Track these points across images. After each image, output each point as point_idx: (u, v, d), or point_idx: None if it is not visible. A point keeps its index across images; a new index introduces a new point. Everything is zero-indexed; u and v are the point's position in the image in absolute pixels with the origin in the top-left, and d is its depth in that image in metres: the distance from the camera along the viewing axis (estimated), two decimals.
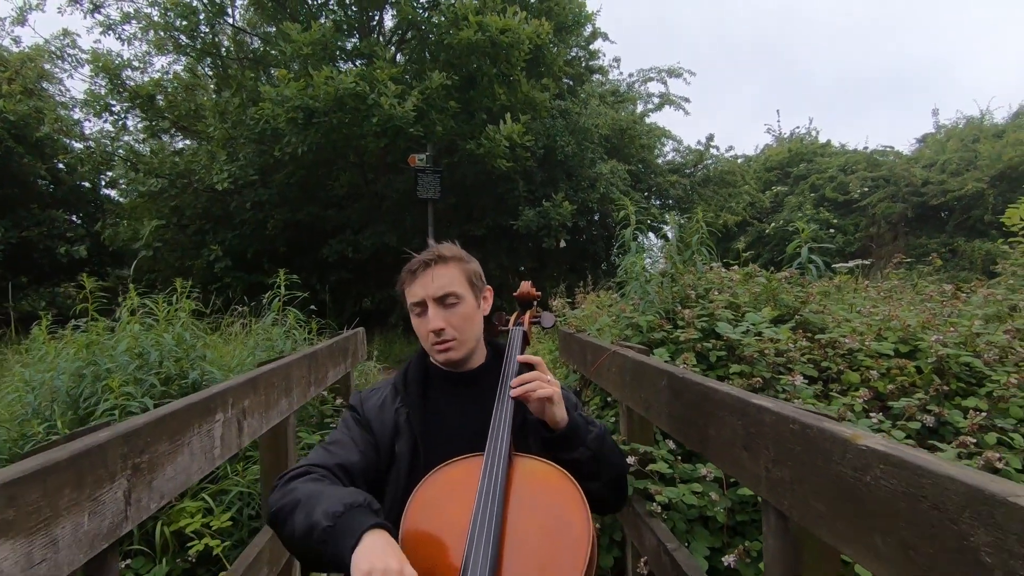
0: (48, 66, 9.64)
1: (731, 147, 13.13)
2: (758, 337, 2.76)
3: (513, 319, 1.47)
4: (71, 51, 9.35)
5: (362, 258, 9.54)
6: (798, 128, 20.59)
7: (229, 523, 2.39)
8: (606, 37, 12.16)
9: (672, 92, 12.61)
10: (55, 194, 12.89)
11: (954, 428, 2.43)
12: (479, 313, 1.30)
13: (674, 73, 12.35)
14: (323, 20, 9.86)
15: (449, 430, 1.26)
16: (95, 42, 10.63)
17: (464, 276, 1.25)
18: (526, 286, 1.54)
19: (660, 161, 11.90)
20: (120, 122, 9.12)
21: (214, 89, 8.03)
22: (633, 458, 2.14)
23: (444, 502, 1.11)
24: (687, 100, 12.29)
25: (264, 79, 9.86)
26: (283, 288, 3.64)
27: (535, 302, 1.54)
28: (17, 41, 12.48)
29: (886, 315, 3.14)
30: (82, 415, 2.65)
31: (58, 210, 11.40)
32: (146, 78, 10.02)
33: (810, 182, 16.77)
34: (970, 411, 2.45)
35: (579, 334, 3.31)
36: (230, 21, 9.99)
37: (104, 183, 13.18)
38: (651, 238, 11.05)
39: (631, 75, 13.04)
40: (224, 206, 8.94)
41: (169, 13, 8.25)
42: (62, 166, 12.65)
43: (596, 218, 10.96)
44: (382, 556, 0.88)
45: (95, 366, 2.68)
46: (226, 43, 10.57)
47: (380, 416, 1.27)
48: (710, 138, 11.70)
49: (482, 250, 9.80)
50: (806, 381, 2.52)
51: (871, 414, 2.44)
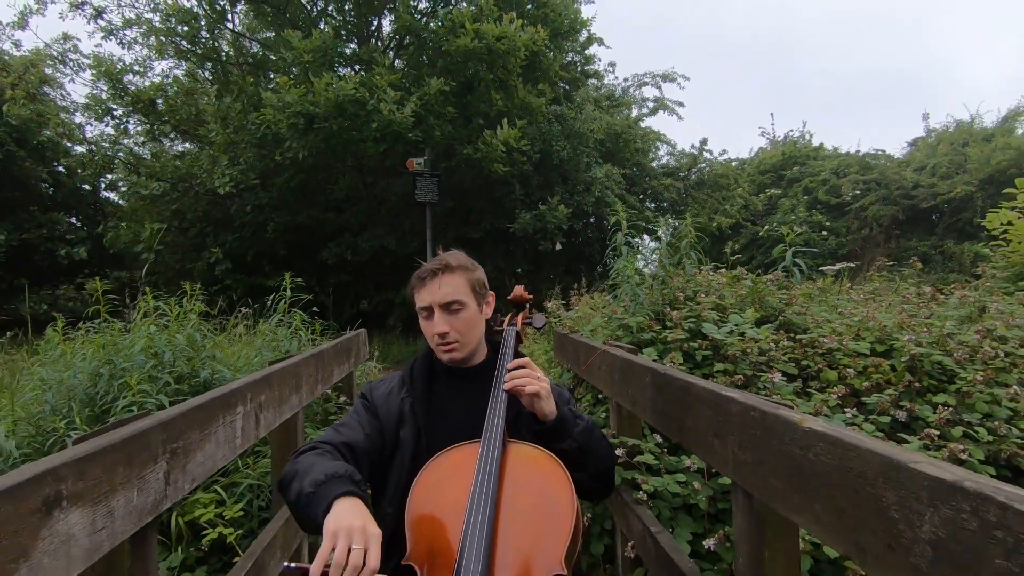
0: (50, 71, 9.75)
1: (724, 151, 13.32)
2: (741, 337, 2.91)
3: (507, 320, 1.62)
4: (73, 56, 9.45)
5: (361, 261, 9.67)
6: (792, 131, 20.83)
7: (241, 513, 2.53)
8: (601, 42, 12.34)
9: (666, 96, 12.79)
10: (55, 197, 12.99)
11: (924, 422, 2.59)
12: (481, 318, 1.44)
13: (668, 78, 12.54)
14: (323, 26, 10.01)
15: (451, 420, 1.40)
16: (96, 46, 10.73)
17: (468, 285, 1.38)
18: (519, 290, 1.68)
19: (655, 165, 12.07)
20: (122, 126, 9.23)
21: (216, 94, 8.15)
22: (622, 450, 2.29)
23: (445, 483, 1.24)
24: (681, 104, 12.48)
25: (264, 84, 9.99)
26: (288, 291, 3.77)
27: (528, 304, 1.69)
28: (18, 45, 12.61)
29: (864, 316, 3.31)
30: (98, 412, 2.78)
31: (59, 213, 11.50)
32: (147, 82, 10.15)
33: (803, 185, 16.97)
34: (939, 406, 2.61)
35: (572, 334, 3.46)
36: (230, 26, 10.12)
37: (104, 186, 13.29)
38: (645, 240, 11.23)
39: (626, 79, 13.25)
40: (225, 209, 9.06)
41: (171, 19, 8.38)
42: (62, 169, 12.76)
43: (592, 220, 11.11)
44: (348, 517, 0.98)
45: (110, 365, 2.82)
46: (225, 48, 10.70)
47: (386, 404, 1.41)
48: (703, 142, 11.90)
49: (479, 253, 9.93)
50: (785, 379, 2.68)
51: (845, 409, 2.60)
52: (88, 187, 13.05)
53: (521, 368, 1.37)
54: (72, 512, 0.94)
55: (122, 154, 10.15)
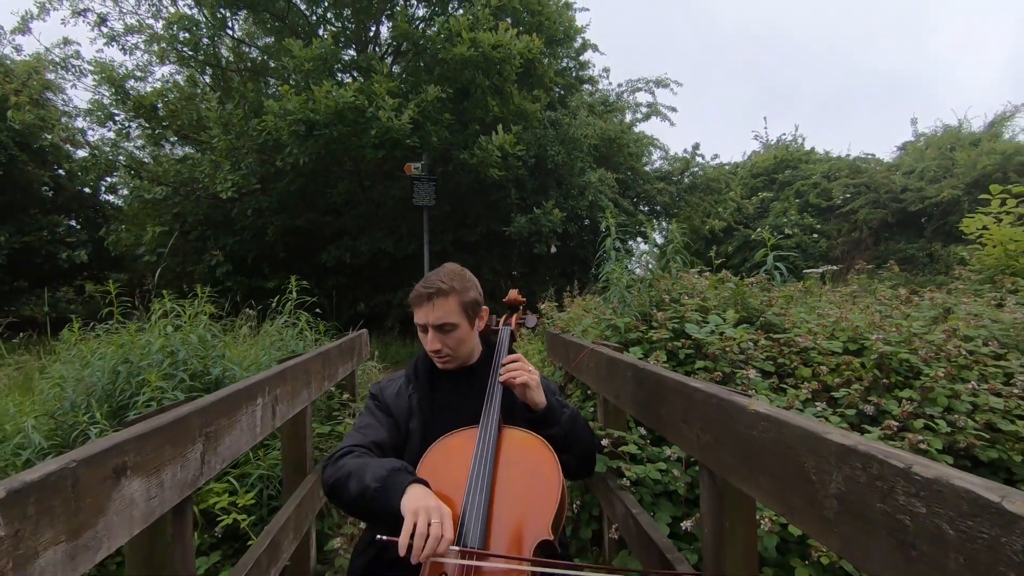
0: (51, 76, 9.89)
1: (716, 155, 13.54)
2: (720, 337, 3.10)
3: (503, 321, 1.81)
4: (75, 62, 9.59)
5: (359, 263, 9.84)
6: (784, 135, 21.09)
7: (252, 502, 2.70)
8: (596, 48, 12.55)
9: (660, 102, 13.02)
10: (55, 200, 13.12)
11: (890, 416, 2.78)
12: (473, 333, 1.61)
13: (661, 83, 12.76)
14: (322, 32, 10.19)
15: (453, 411, 1.58)
16: (97, 52, 10.87)
17: (460, 307, 1.53)
18: (513, 293, 1.88)
19: (648, 169, 12.28)
20: (124, 131, 9.38)
21: (217, 100, 8.32)
22: (608, 441, 2.48)
23: (448, 463, 1.43)
24: (673, 110, 12.71)
25: (264, 89, 10.16)
26: (295, 293, 3.95)
27: (521, 306, 1.88)
28: (19, 49, 12.73)
29: (838, 317, 3.51)
30: (116, 408, 2.95)
31: (59, 216, 11.63)
32: (148, 87, 10.30)
33: (795, 188, 17.22)
34: (903, 401, 2.81)
35: (564, 335, 3.64)
36: (230, 33, 10.28)
37: (103, 188, 13.41)
38: (639, 242, 11.44)
39: (620, 85, 13.46)
40: (225, 213, 9.22)
41: (173, 26, 8.54)
42: (62, 172, 12.88)
43: (586, 224, 11.31)
44: (425, 499, 1.20)
45: (127, 364, 2.99)
46: (225, 53, 10.86)
47: (397, 402, 1.60)
48: (696, 147, 12.11)
49: (475, 255, 10.12)
50: (761, 375, 2.87)
51: (817, 403, 2.79)
52: (88, 190, 13.17)
53: (515, 362, 1.56)
54: (134, 480, 1.12)
55: (122, 158, 10.28)
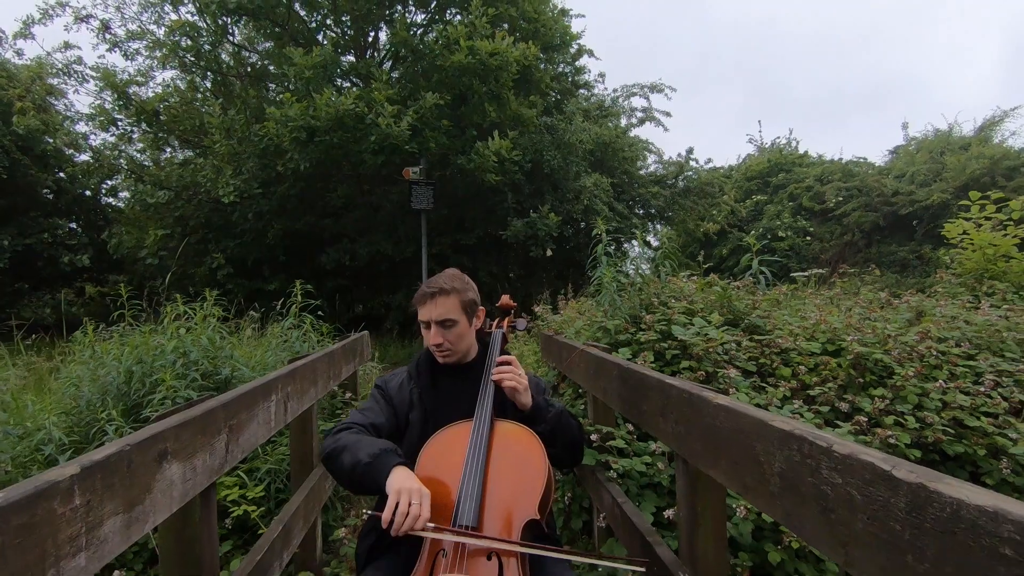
0: (55, 81, 10.03)
1: (709, 159, 13.69)
2: (706, 338, 3.27)
3: (495, 324, 1.97)
4: (77, 68, 9.73)
5: (359, 266, 9.98)
6: (779, 138, 21.31)
7: (261, 494, 2.85)
8: (591, 54, 12.73)
9: (654, 107, 13.22)
10: (56, 203, 13.24)
11: (864, 413, 2.96)
12: (471, 330, 1.78)
13: (656, 89, 12.96)
14: (321, 38, 10.35)
15: (450, 405, 1.75)
16: (99, 57, 11.00)
17: (459, 305, 1.70)
18: (505, 298, 2.04)
19: (643, 173, 12.46)
20: (127, 135, 9.52)
21: (219, 106, 8.47)
22: (596, 436, 2.65)
23: (446, 452, 1.60)
24: (668, 115, 12.90)
25: (264, 94, 10.31)
26: (299, 296, 4.11)
27: (512, 311, 2.04)
28: (20, 53, 12.85)
29: (817, 319, 3.68)
30: (130, 406, 3.11)
31: (60, 219, 11.75)
32: (149, 92, 10.44)
33: (788, 191, 17.42)
34: (876, 398, 2.99)
35: (557, 336, 3.81)
36: (231, 38, 10.44)
37: (104, 191, 13.54)
38: (634, 245, 11.62)
39: (615, 90, 13.65)
40: (226, 216, 9.36)
41: (175, 33, 8.69)
42: (63, 175, 13.01)
43: (582, 227, 11.49)
44: (408, 481, 1.36)
45: (141, 364, 3.14)
46: (226, 58, 11.00)
47: (399, 394, 1.76)
48: (689, 151, 12.31)
49: (473, 258, 10.28)
50: (742, 374, 3.04)
51: (794, 401, 2.96)
52: (89, 193, 13.29)
53: (507, 364, 1.73)
54: (173, 464, 1.28)
55: (123, 162, 10.42)
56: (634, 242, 10.80)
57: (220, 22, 8.88)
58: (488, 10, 8.24)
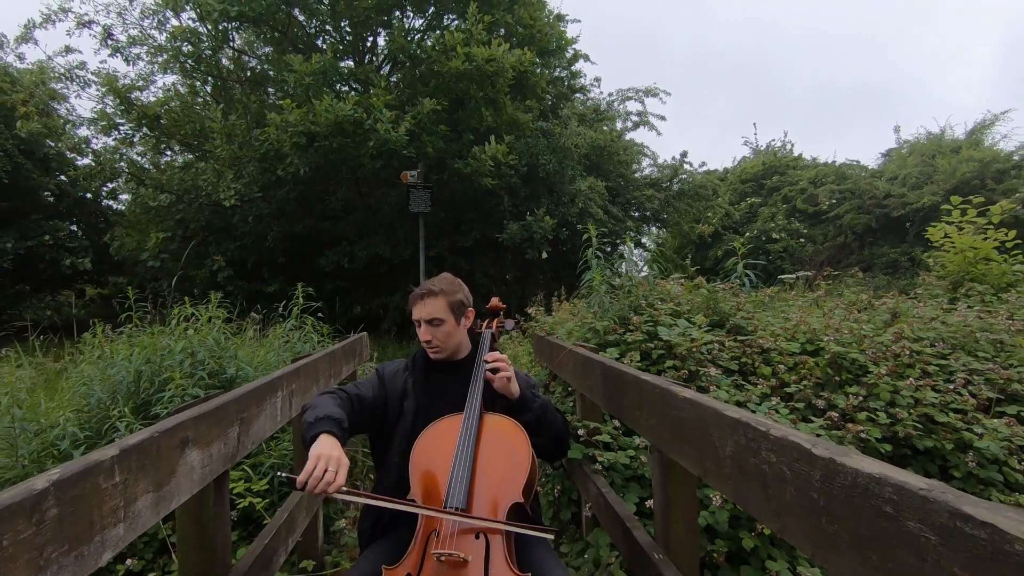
0: (58, 86, 10.17)
1: (703, 163, 13.90)
2: (690, 339, 3.43)
3: (485, 325, 2.13)
4: (79, 72, 9.85)
5: (357, 268, 10.13)
6: (774, 140, 21.52)
7: (266, 488, 3.00)
8: (587, 58, 12.90)
9: (649, 110, 13.40)
10: (57, 206, 13.37)
11: (837, 409, 3.11)
12: (460, 329, 1.94)
13: (651, 93, 13.14)
14: (320, 44, 10.51)
15: (442, 397, 1.90)
16: (101, 62, 11.14)
17: (448, 306, 1.85)
18: (495, 301, 2.20)
19: (637, 176, 12.63)
20: (129, 139, 9.66)
21: (221, 112, 8.62)
22: (584, 431, 2.80)
23: (439, 440, 1.74)
24: (663, 119, 13.09)
25: (264, 98, 10.45)
26: (300, 299, 4.26)
27: (501, 312, 2.20)
28: (21, 57, 12.98)
29: (798, 320, 3.84)
30: (139, 403, 3.25)
31: (61, 221, 11.88)
32: (151, 97, 10.58)
33: (783, 194, 17.61)
34: (850, 395, 3.14)
35: (549, 337, 3.96)
36: (231, 44, 10.58)
37: (104, 194, 13.66)
38: (630, 246, 11.78)
39: (611, 94, 13.83)
40: (227, 219, 9.50)
41: (176, 40, 8.83)
42: (63, 178, 13.13)
43: (578, 228, 11.66)
44: (329, 449, 1.45)
45: (150, 363, 3.29)
46: (226, 62, 11.15)
47: (394, 380, 1.91)
48: (684, 154, 12.47)
49: (469, 260, 10.43)
50: (721, 372, 3.19)
51: (772, 398, 3.12)
52: (89, 195, 13.41)
53: (496, 360, 1.88)
54: (193, 451, 1.43)
55: (124, 164, 10.55)
56: (630, 244, 10.96)
57: (221, 28, 9.02)
58: (484, 17, 8.40)
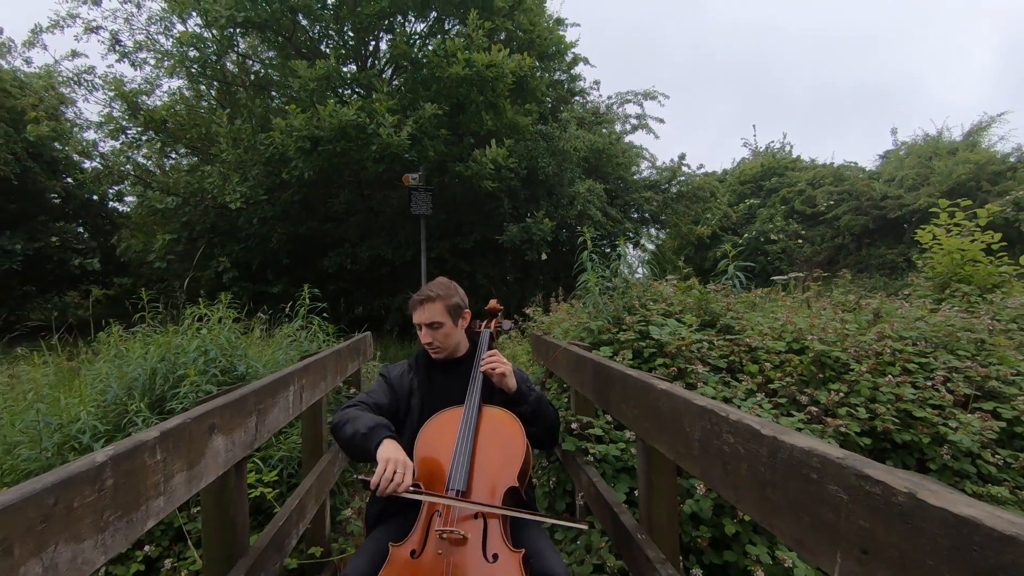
0: (65, 90, 10.36)
1: (701, 165, 14.02)
2: (680, 338, 3.58)
3: (483, 325, 2.29)
4: (87, 77, 10.05)
5: (359, 269, 10.30)
6: (773, 142, 21.65)
7: (276, 479, 3.16)
8: (586, 62, 13.07)
9: (648, 113, 13.55)
10: (63, 208, 13.56)
11: (822, 405, 3.27)
12: (458, 329, 2.11)
13: (650, 96, 13.30)
14: (324, 48, 10.68)
15: (444, 392, 2.06)
16: (108, 67, 11.31)
17: (445, 309, 2.02)
18: (493, 302, 2.36)
19: (636, 178, 12.79)
20: (136, 143, 9.85)
21: (227, 116, 8.79)
22: (577, 425, 2.96)
23: (442, 430, 1.91)
24: (661, 121, 13.25)
25: (268, 102, 10.63)
26: (307, 299, 4.42)
27: (498, 313, 2.36)
28: (28, 62, 13.18)
29: (785, 320, 3.99)
30: (155, 399, 3.41)
31: (69, 223, 12.07)
32: (156, 101, 10.77)
33: (781, 195, 17.76)
34: (831, 391, 3.30)
35: (545, 336, 4.12)
36: (236, 48, 10.76)
37: (111, 196, 13.85)
38: (629, 247, 11.94)
39: (610, 97, 13.99)
40: (232, 221, 9.67)
41: (183, 46, 9.02)
42: (70, 180, 13.33)
43: (578, 229, 11.82)
44: (394, 452, 1.67)
45: (164, 361, 3.45)
46: (230, 66, 11.33)
47: (400, 381, 2.08)
48: (682, 157, 12.63)
49: (470, 262, 10.60)
50: (708, 369, 3.35)
51: (757, 394, 3.27)
52: (95, 198, 13.60)
53: (493, 357, 2.04)
54: (218, 437, 1.59)
55: (130, 167, 10.73)
56: (629, 245, 11.12)
57: (226, 33, 9.20)
58: (485, 23, 8.57)
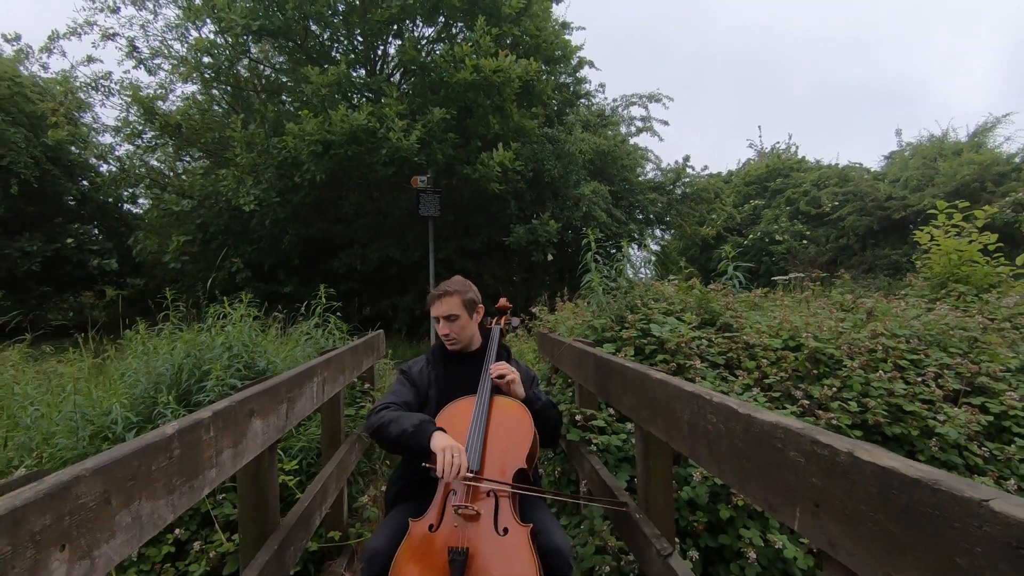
0: (83, 95, 10.64)
1: (706, 167, 14.16)
2: (678, 334, 3.74)
3: (494, 322, 2.47)
4: (104, 83, 10.31)
5: (369, 269, 10.50)
6: (778, 143, 21.72)
7: (296, 467, 3.34)
8: (592, 65, 13.23)
9: (653, 115, 13.71)
10: (79, 210, 13.87)
11: (812, 399, 3.41)
12: (472, 323, 2.29)
13: (654, 98, 13.45)
14: (334, 53, 10.90)
15: (459, 383, 2.24)
16: (125, 72, 11.59)
17: (461, 303, 2.21)
18: (503, 301, 2.54)
19: (641, 179, 12.94)
20: (151, 147, 10.11)
21: (241, 120, 9.03)
22: (581, 417, 3.13)
23: (457, 417, 2.08)
24: (666, 123, 13.41)
25: (279, 106, 10.86)
26: (323, 299, 4.62)
27: (508, 311, 2.54)
28: (45, 67, 13.50)
29: (782, 319, 4.14)
30: (181, 393, 3.61)
31: (86, 225, 12.37)
32: (170, 105, 11.03)
33: (786, 196, 17.84)
34: (825, 386, 3.45)
35: (551, 334, 4.29)
36: (249, 54, 11.01)
37: (125, 198, 14.14)
38: (634, 248, 12.09)
39: (615, 100, 14.16)
40: (244, 223, 9.90)
41: (197, 53, 9.26)
42: (85, 183, 13.63)
43: (583, 230, 11.99)
44: (448, 440, 1.84)
45: (189, 358, 3.65)
46: (243, 71, 11.58)
47: (420, 376, 2.26)
48: (686, 158, 12.77)
49: (477, 263, 10.78)
50: (707, 365, 3.50)
51: (753, 389, 3.43)
52: (110, 200, 13.89)
53: (502, 368, 2.20)
54: (256, 420, 1.77)
55: (143, 170, 11.00)
56: (634, 246, 11.28)
57: (240, 40, 9.44)
58: (492, 30, 8.76)
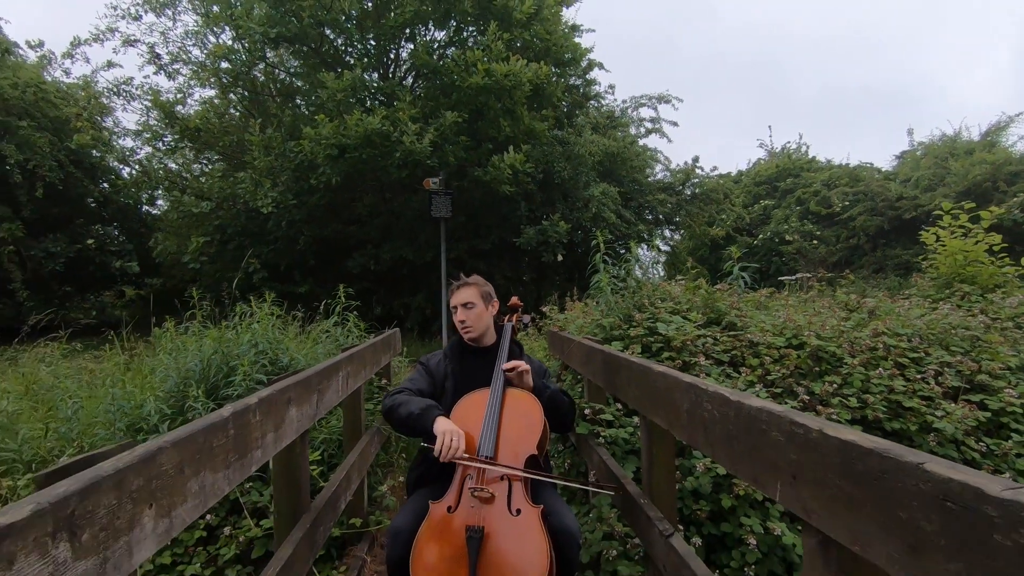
0: (105, 100, 10.96)
1: (715, 167, 14.19)
2: (684, 333, 3.88)
3: (506, 319, 2.63)
4: (126, 88, 10.62)
5: (382, 270, 10.72)
6: (789, 143, 21.68)
7: (318, 458, 3.52)
8: (601, 66, 13.36)
9: (662, 116, 13.81)
10: (100, 212, 14.22)
11: (814, 395, 3.54)
12: (488, 313, 2.45)
13: (663, 99, 13.55)
14: (348, 58, 11.14)
15: (474, 376, 2.40)
16: (145, 77, 11.89)
17: (478, 293, 2.39)
18: (514, 299, 2.71)
19: (650, 180, 13.05)
20: (172, 150, 10.40)
21: (259, 125, 9.27)
22: (590, 411, 3.28)
23: (471, 409, 2.25)
24: (675, 124, 13.50)
25: (295, 110, 11.10)
26: (343, 299, 4.81)
27: (519, 308, 2.70)
28: (68, 73, 13.86)
29: (786, 318, 4.27)
30: (210, 387, 3.80)
31: (107, 226, 12.70)
32: (188, 109, 11.32)
33: (796, 196, 17.83)
34: (826, 383, 3.57)
35: (561, 332, 4.44)
36: (266, 59, 11.27)
37: (144, 200, 14.48)
38: (643, 248, 12.20)
39: (624, 101, 14.27)
40: (261, 224, 10.15)
41: (216, 58, 9.53)
42: (106, 185, 13.97)
43: (593, 231, 12.12)
44: (449, 425, 2.02)
45: (217, 354, 3.84)
46: (259, 75, 11.84)
47: (437, 368, 2.43)
48: (695, 159, 12.86)
49: (488, 263, 10.95)
50: (711, 362, 3.64)
51: (756, 385, 3.56)
52: (131, 202, 14.23)
53: (513, 362, 2.36)
54: (292, 408, 1.95)
55: (161, 172, 11.29)
56: (643, 246, 11.39)
57: (257, 45, 9.69)
58: (503, 35, 8.92)
